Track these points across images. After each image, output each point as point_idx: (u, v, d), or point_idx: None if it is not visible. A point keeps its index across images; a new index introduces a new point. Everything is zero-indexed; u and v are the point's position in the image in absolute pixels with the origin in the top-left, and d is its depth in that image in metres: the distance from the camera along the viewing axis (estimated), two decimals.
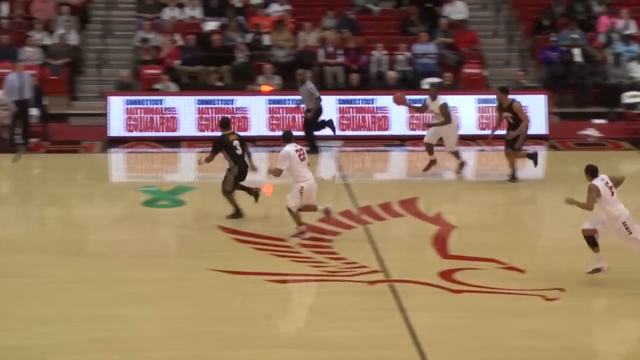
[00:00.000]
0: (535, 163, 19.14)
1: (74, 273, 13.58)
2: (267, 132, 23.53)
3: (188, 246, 15.16)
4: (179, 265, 14.01)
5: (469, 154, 21.12)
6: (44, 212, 17.56)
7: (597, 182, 12.91)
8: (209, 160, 16.23)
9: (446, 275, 13.46)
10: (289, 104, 23.96)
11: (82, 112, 25.02)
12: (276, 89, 24.75)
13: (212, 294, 12.80)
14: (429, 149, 19.72)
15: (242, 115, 23.84)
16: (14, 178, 20.96)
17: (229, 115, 20.31)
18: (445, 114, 19.53)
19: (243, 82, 25.40)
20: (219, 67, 25.57)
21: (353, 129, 23.96)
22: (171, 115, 23.64)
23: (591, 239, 13.02)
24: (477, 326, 11.77)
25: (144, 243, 15.27)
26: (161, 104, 23.84)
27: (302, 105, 22.91)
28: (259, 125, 23.70)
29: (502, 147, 19.19)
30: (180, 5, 28.17)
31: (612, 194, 12.88)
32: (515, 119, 18.86)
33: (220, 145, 16.17)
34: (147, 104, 23.88)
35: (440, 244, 15.04)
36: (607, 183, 12.92)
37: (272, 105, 24.02)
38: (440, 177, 19.87)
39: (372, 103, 23.88)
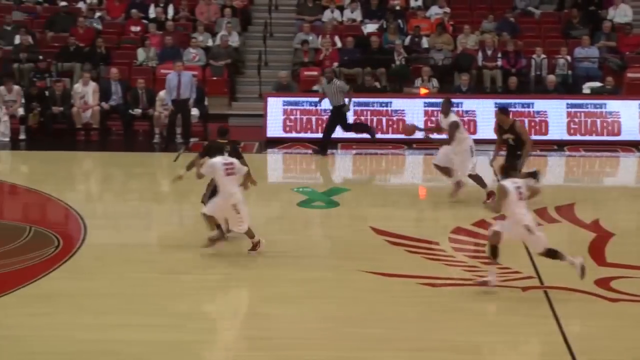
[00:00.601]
0: (537, 179, 17.40)
1: (226, 271, 13.78)
2: (423, 135, 23.41)
3: (340, 247, 15.19)
4: (330, 266, 14.05)
5: (630, 161, 20.60)
6: (200, 210, 17.85)
7: (506, 183, 12.65)
8: (192, 165, 15.03)
9: (603, 283, 13.12)
10: None
11: (241, 112, 25.41)
12: (433, 92, 24.63)
13: (362, 295, 12.79)
14: (444, 172, 17.94)
15: (399, 117, 23.80)
16: (174, 176, 21.38)
17: (227, 125, 17.74)
18: (451, 134, 17.50)
19: (400, 84, 25.37)
20: (376, 70, 25.60)
21: None
22: (328, 116, 23.77)
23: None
24: (634, 337, 11.44)
25: (296, 243, 15.37)
26: (319, 105, 23.99)
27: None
28: None
29: None
30: (340, 8, 28.36)
31: (520, 198, 12.62)
32: (517, 140, 17.15)
33: (208, 150, 14.94)
34: (305, 106, 24.08)
35: (597, 251, 14.67)
36: (518, 187, 12.62)
37: (428, 108, 23.90)
38: (597, 182, 19.43)
39: (531, 107, 23.51)
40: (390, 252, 14.76)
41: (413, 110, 23.83)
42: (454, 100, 23.33)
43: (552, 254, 12.79)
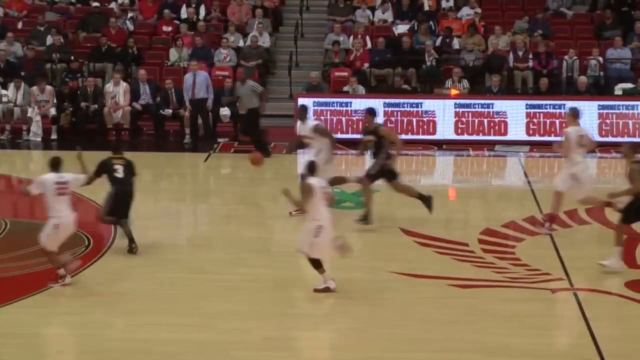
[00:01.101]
0: (429, 208, 16.25)
1: (257, 271, 13.80)
2: (453, 137, 23.45)
3: (369, 248, 15.19)
4: (360, 267, 14.03)
5: None
6: (230, 210, 17.93)
7: (313, 181, 12.72)
8: (89, 182, 14.51)
9: (633, 285, 13.07)
10: (477, 108, 23.77)
11: (272, 113, 25.42)
12: (464, 93, 24.58)
13: (391, 296, 12.79)
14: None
15: (429, 119, 23.77)
16: (204, 176, 21.52)
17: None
18: (323, 132, 16.85)
19: (431, 85, 25.34)
20: (406, 70, 25.57)
21: (541, 134, 23.57)
22: (358, 118, 23.78)
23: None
24: None
25: None
26: (349, 106, 24.01)
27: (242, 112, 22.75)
28: (445, 130, 23.59)
29: None
30: (372, 9, 28.36)
31: (322, 198, 12.67)
32: (379, 142, 16.02)
33: (100, 167, 14.85)
34: (335, 106, 24.10)
35: (628, 253, 14.55)
36: (323, 187, 12.73)
37: (459, 109, 23.85)
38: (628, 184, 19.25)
39: (562, 108, 23.39)
40: (419, 253, 14.76)
41: (444, 111, 23.79)
42: (486, 101, 23.43)
43: (314, 264, 12.71)
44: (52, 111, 23.74)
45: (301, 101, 23.84)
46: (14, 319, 11.99)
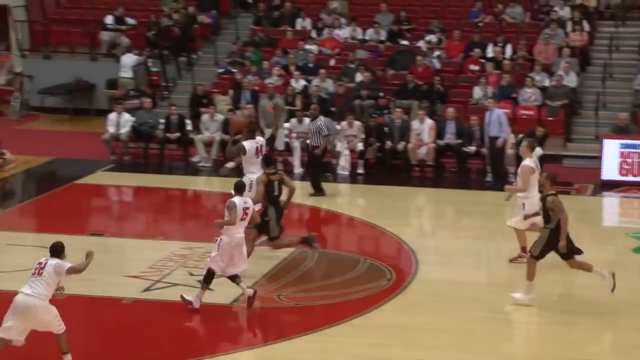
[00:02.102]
0: (313, 245, 15.78)
1: (557, 317, 13.62)
2: None
3: None
4: None
5: None
6: None
7: (236, 199, 13.51)
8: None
9: None
10: None
11: (576, 154, 25.04)
12: None
13: None
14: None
15: None
16: (505, 216, 21.38)
17: None
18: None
19: None
20: None
21: None
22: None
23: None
24: None
25: (632, 291, 14.92)
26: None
27: (308, 142, 22.37)
28: None
29: None
30: None
31: (242, 218, 13.55)
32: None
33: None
34: None
35: None
36: (246, 208, 13.57)
37: None
38: None
39: None
40: None
41: None
42: None
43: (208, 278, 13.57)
44: (360, 146, 24.37)
45: (607, 143, 23.41)
46: (319, 347, 12.44)
